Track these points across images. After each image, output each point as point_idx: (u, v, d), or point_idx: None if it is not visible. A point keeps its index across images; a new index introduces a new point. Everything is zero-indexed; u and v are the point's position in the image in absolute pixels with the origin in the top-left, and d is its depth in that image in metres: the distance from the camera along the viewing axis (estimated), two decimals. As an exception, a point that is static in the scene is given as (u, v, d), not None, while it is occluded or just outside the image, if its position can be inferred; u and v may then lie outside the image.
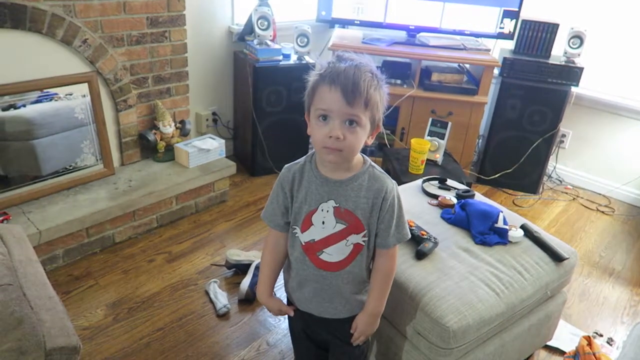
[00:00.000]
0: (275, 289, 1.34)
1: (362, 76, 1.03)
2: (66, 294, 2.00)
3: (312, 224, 1.16)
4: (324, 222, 1.15)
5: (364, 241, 1.17)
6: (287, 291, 1.33)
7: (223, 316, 1.96)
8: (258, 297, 1.33)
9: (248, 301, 2.03)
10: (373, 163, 1.19)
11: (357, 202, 1.14)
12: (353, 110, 1.03)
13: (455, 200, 1.84)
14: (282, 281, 1.35)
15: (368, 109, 1.05)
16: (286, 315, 1.36)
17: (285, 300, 1.35)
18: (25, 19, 1.99)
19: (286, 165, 1.22)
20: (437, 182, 2.03)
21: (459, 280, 1.47)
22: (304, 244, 1.19)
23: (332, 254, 1.17)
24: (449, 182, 2.04)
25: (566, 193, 3.21)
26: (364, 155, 1.19)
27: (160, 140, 2.60)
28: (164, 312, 1.96)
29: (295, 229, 1.19)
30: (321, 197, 1.15)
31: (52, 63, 2.16)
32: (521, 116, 2.97)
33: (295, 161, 1.21)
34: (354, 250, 1.18)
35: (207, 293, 2.06)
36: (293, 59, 2.92)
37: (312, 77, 1.08)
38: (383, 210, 1.15)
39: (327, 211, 1.15)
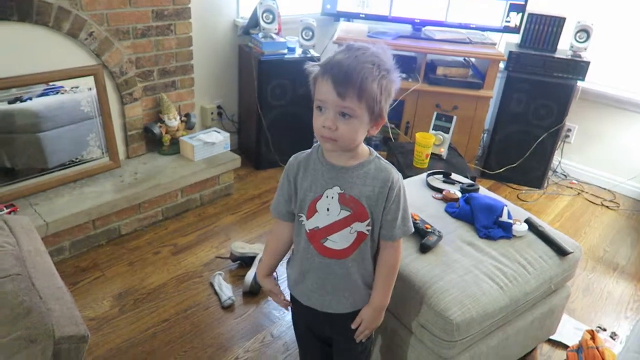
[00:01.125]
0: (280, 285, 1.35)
1: (357, 67, 1.02)
2: (73, 285, 2.02)
3: (317, 211, 1.17)
4: (329, 209, 1.16)
5: (367, 230, 1.17)
6: (289, 286, 1.34)
7: (228, 308, 1.98)
8: (257, 277, 1.35)
9: (252, 293, 2.04)
10: (379, 155, 1.20)
11: (363, 189, 1.14)
12: (344, 102, 1.03)
13: (459, 194, 1.84)
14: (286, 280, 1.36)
15: (363, 101, 1.03)
16: (290, 310, 1.37)
17: (288, 297, 1.36)
18: (31, 12, 2.00)
19: (294, 155, 1.23)
20: (441, 176, 2.03)
21: (463, 274, 1.47)
22: (308, 231, 1.20)
23: (337, 241, 1.18)
24: (454, 176, 2.04)
25: (571, 188, 3.20)
26: (370, 147, 1.19)
27: (166, 133, 2.61)
28: (170, 304, 1.98)
29: (301, 216, 1.20)
30: (326, 183, 1.15)
31: (58, 56, 2.17)
32: (527, 110, 2.96)
33: (303, 151, 1.22)
34: (358, 238, 1.18)
35: (212, 285, 2.08)
36: (298, 52, 2.92)
37: (313, 67, 1.09)
38: (389, 200, 1.15)
39: (332, 198, 1.15)
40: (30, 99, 2.12)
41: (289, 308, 1.37)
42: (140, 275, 2.12)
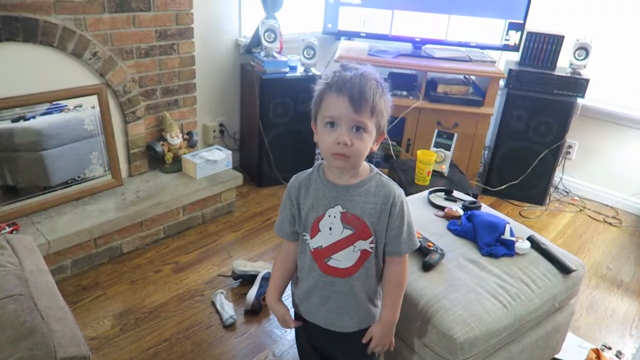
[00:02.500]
0: (283, 300, 1.34)
1: (367, 84, 1.06)
2: (74, 304, 2.01)
3: (320, 230, 1.17)
4: (331, 228, 1.16)
5: (371, 248, 1.18)
6: (294, 303, 1.33)
7: (229, 327, 1.96)
8: (267, 301, 1.34)
9: (254, 312, 2.03)
10: (379, 171, 1.21)
11: (365, 207, 1.15)
12: (360, 117, 1.06)
13: (461, 212, 1.84)
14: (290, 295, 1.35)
15: (374, 116, 1.07)
16: (293, 327, 1.36)
17: (292, 313, 1.35)
18: (37, 32, 2.03)
19: (294, 175, 1.24)
20: (443, 193, 2.03)
21: (466, 292, 1.46)
22: (312, 250, 1.20)
23: (340, 259, 1.18)
24: (455, 193, 2.04)
25: (573, 204, 3.20)
26: (370, 164, 1.20)
27: (168, 151, 2.62)
28: (171, 323, 1.97)
29: (305, 235, 1.21)
30: (328, 202, 1.16)
31: (62, 75, 2.19)
32: (527, 127, 2.97)
33: (304, 171, 1.23)
34: (361, 257, 1.18)
35: (213, 304, 2.07)
36: (299, 70, 2.95)
37: (318, 85, 1.11)
38: (392, 216, 1.16)
39: (334, 217, 1.16)
40: (34, 117, 2.14)
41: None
42: (142, 294, 2.11)
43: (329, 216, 1.16)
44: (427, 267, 1.53)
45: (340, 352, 1.32)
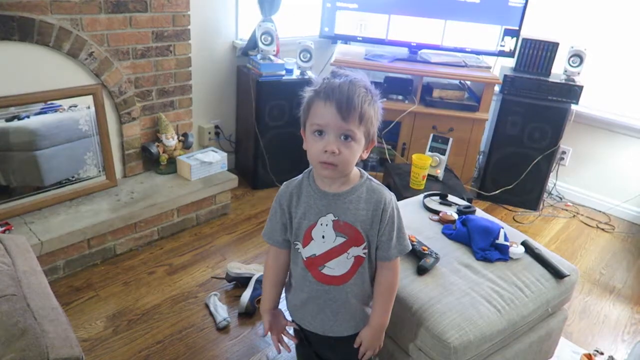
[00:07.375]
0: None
1: (356, 91, 1.04)
2: (66, 305, 1.99)
3: (313, 239, 1.17)
4: (324, 237, 1.16)
5: (364, 253, 1.18)
6: (289, 310, 1.33)
7: (223, 329, 1.95)
8: (260, 309, 1.34)
9: (248, 314, 2.03)
10: (370, 176, 1.20)
11: (356, 214, 1.15)
12: (347, 125, 1.04)
13: (456, 216, 1.84)
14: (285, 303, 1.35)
15: (362, 124, 1.06)
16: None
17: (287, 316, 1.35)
18: (32, 32, 2.02)
19: (285, 182, 1.23)
20: (438, 197, 2.04)
21: (460, 296, 1.47)
22: (305, 259, 1.19)
23: (334, 267, 1.18)
24: (450, 197, 2.05)
25: (566, 210, 3.21)
26: (360, 169, 1.20)
27: (163, 152, 2.62)
28: (164, 325, 1.95)
29: (297, 244, 1.20)
30: (320, 211, 1.15)
31: (58, 75, 2.18)
32: (522, 133, 2.99)
33: (294, 178, 1.22)
34: (355, 263, 1.18)
35: (207, 306, 2.06)
36: (296, 73, 2.95)
37: (307, 93, 1.10)
38: (383, 221, 1.16)
39: (327, 225, 1.15)
40: (28, 117, 2.12)
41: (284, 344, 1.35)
42: (135, 296, 2.10)
43: (321, 224, 1.15)
44: (421, 271, 1.54)
45: (338, 355, 1.32)
